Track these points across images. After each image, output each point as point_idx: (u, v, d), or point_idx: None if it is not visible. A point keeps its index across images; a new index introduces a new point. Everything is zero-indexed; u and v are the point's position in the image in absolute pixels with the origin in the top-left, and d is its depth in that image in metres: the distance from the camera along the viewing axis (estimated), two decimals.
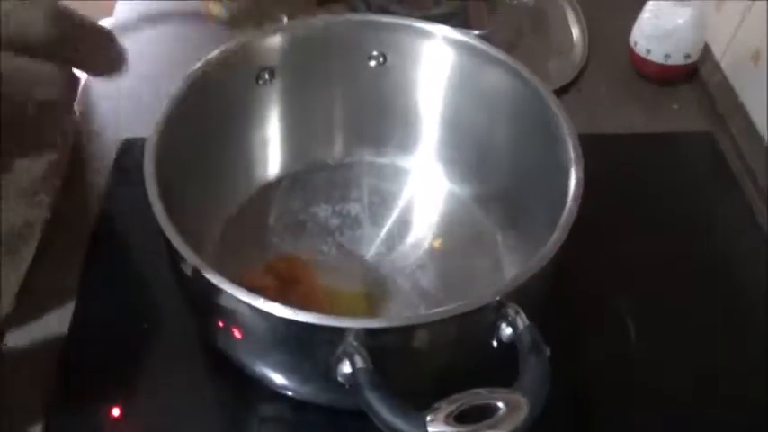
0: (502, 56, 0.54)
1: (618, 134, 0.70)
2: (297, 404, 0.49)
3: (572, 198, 0.45)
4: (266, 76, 0.57)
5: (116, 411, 0.50)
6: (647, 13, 0.72)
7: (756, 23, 0.68)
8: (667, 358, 0.54)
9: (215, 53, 0.54)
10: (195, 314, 0.50)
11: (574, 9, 0.82)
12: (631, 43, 0.75)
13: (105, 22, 0.84)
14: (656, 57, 0.72)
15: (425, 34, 0.57)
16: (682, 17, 0.70)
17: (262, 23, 0.43)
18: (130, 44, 0.44)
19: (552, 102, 0.51)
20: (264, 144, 0.61)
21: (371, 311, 0.54)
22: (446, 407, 0.35)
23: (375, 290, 0.55)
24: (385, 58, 0.59)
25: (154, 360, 0.53)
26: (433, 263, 0.57)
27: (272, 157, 0.62)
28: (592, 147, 0.49)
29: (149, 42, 0.78)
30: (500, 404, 0.36)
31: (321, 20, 0.59)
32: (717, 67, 0.74)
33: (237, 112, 0.58)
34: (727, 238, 0.62)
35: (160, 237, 0.44)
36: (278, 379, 0.46)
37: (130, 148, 0.66)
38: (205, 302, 0.44)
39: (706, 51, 0.74)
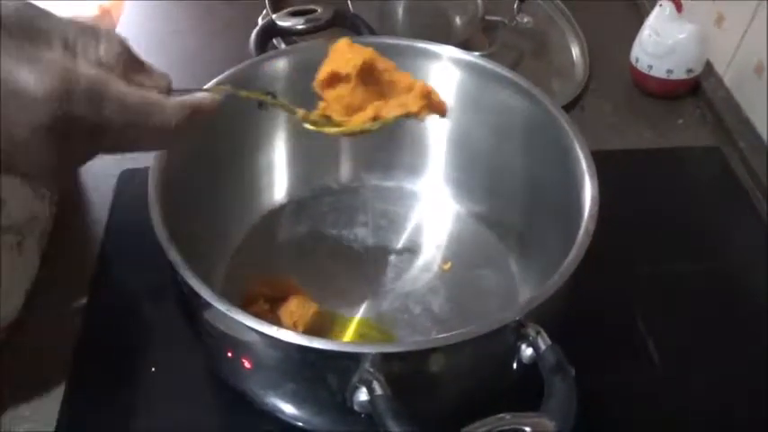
0: (509, 74, 0.54)
1: (624, 150, 0.69)
2: None
3: (588, 215, 0.44)
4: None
5: None
6: (647, 30, 0.72)
7: (759, 37, 0.68)
8: (689, 378, 0.53)
9: (217, 79, 0.53)
10: (203, 347, 0.49)
11: (573, 29, 0.82)
12: (632, 60, 0.75)
13: None
14: (659, 72, 0.72)
15: (431, 55, 0.56)
16: (682, 33, 0.70)
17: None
18: None
19: (563, 118, 0.50)
20: (269, 170, 0.60)
21: (383, 337, 0.53)
22: None
23: (385, 315, 0.54)
24: None
25: (162, 401, 0.51)
26: (443, 286, 0.56)
27: (277, 183, 0.61)
28: (598, 163, 0.48)
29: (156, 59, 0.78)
30: (527, 429, 0.34)
31: (323, 43, 0.58)
32: (720, 81, 0.74)
33: (240, 138, 0.57)
34: (740, 250, 0.61)
35: (165, 270, 0.42)
36: (289, 409, 0.45)
37: (130, 179, 0.65)
38: (214, 333, 0.43)
39: (708, 67, 0.74)
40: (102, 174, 0.66)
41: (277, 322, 0.50)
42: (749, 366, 0.53)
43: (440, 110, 0.47)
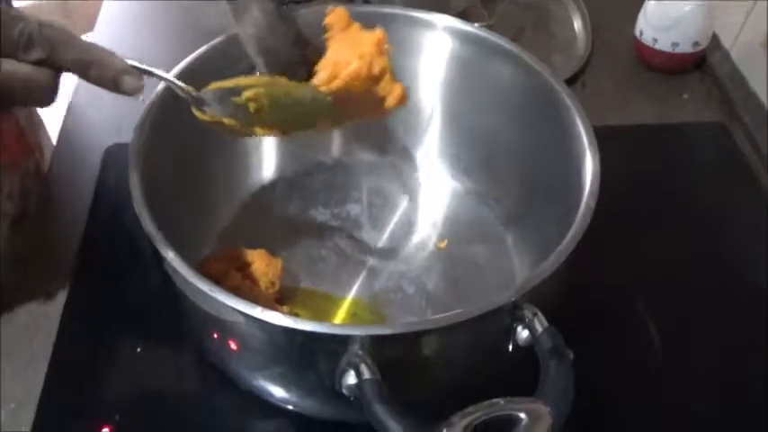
0: (507, 45, 0.52)
1: (626, 125, 0.67)
2: (298, 419, 0.46)
3: (589, 192, 0.43)
4: (257, 73, 0.54)
5: (106, 431, 0.47)
6: (652, 2, 0.70)
7: (766, 10, 0.65)
8: (690, 362, 0.51)
9: (202, 49, 0.51)
10: (189, 328, 0.47)
11: (575, 1, 0.79)
12: (636, 33, 0.72)
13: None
14: (664, 46, 0.70)
15: (426, 24, 0.54)
16: (689, 4, 0.68)
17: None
18: (115, 45, 0.41)
19: (564, 92, 0.48)
20: (258, 145, 0.58)
21: (375, 318, 0.51)
22: (463, 419, 0.33)
23: (378, 295, 0.53)
24: None
25: (148, 381, 0.50)
26: (438, 265, 0.55)
27: (267, 159, 0.59)
28: (599, 140, 0.46)
29: (135, 42, 0.76)
30: (522, 415, 0.33)
31: (313, 12, 0.56)
32: (726, 55, 0.72)
33: None
34: (745, 231, 0.60)
35: (151, 249, 0.41)
36: (278, 392, 0.44)
37: (116, 154, 0.63)
38: (199, 314, 0.41)
39: (714, 40, 0.72)
40: (87, 148, 0.64)
41: (256, 288, 0.49)
42: (752, 349, 0.52)
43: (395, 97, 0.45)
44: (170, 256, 0.38)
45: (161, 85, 0.48)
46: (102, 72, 0.39)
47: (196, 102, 0.42)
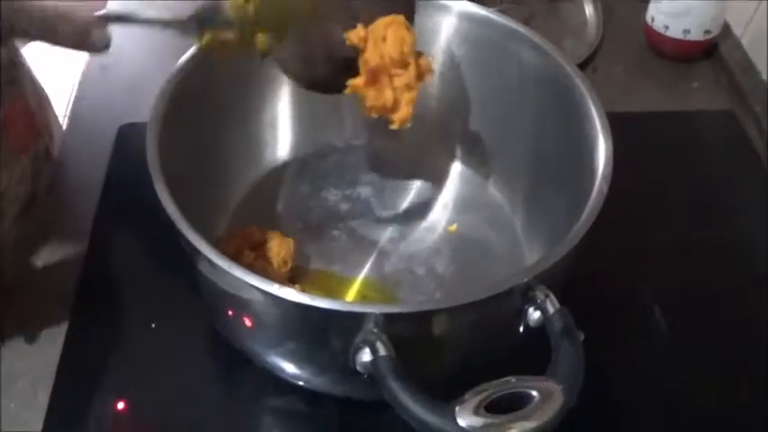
0: (520, 28, 0.52)
1: (635, 113, 0.67)
2: (310, 395, 0.47)
3: (602, 176, 0.43)
4: None
5: (121, 405, 0.48)
6: None
7: None
8: (696, 347, 0.52)
9: None
10: (204, 304, 0.48)
11: None
12: (648, 20, 0.72)
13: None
14: (675, 33, 0.70)
15: (440, 8, 0.54)
16: None
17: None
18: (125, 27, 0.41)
19: (576, 76, 0.48)
20: (271, 126, 0.59)
21: (385, 298, 0.52)
22: (475, 396, 0.33)
23: (388, 276, 0.53)
24: None
25: (162, 356, 0.50)
26: (448, 248, 0.55)
27: (280, 141, 0.60)
28: (609, 126, 0.46)
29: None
30: (533, 393, 0.33)
31: None
32: (737, 44, 0.72)
33: (242, 92, 0.55)
34: (753, 218, 0.60)
35: (164, 226, 0.41)
36: (291, 369, 0.44)
37: (129, 134, 0.63)
38: (215, 291, 0.42)
39: (725, 29, 0.72)
40: (98, 129, 0.65)
41: (269, 266, 0.50)
42: (757, 335, 0.52)
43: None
44: (189, 233, 0.39)
45: (182, 60, 0.48)
46: (67, 29, 0.36)
47: (195, 27, 0.42)
